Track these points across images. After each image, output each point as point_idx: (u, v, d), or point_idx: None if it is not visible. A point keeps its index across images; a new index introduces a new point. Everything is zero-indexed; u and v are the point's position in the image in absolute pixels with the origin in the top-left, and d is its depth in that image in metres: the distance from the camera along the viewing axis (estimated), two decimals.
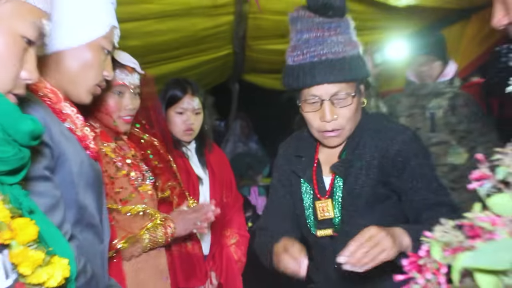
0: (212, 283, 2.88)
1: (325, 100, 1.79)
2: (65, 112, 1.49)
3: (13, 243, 0.97)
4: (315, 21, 1.78)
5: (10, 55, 1.05)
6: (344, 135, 1.85)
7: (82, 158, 1.43)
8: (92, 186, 1.46)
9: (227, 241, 3.08)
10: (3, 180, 1.03)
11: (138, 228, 2.10)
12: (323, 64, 1.77)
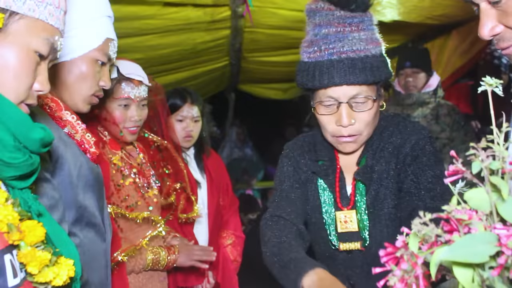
0: (210, 282, 2.87)
1: (342, 103, 1.55)
2: (65, 119, 1.48)
3: (22, 244, 0.97)
4: (335, 14, 1.54)
5: (23, 68, 1.05)
6: (361, 141, 1.62)
7: (81, 161, 1.42)
8: (93, 187, 1.45)
9: (223, 241, 3.07)
10: (14, 184, 1.04)
11: (142, 236, 2.07)
12: (343, 63, 1.53)
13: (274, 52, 4.16)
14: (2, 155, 0.98)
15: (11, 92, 1.04)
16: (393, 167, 1.59)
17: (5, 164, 0.99)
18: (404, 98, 3.56)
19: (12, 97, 1.04)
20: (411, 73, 3.52)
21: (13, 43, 1.03)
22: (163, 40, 3.56)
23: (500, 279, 0.56)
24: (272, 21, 3.32)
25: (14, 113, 1.01)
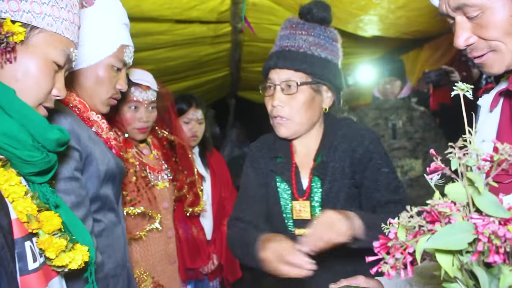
0: (214, 263, 2.86)
1: (277, 85, 1.63)
2: (92, 119, 1.47)
3: (40, 232, 0.98)
4: (294, 21, 1.67)
5: (43, 76, 1.05)
6: (292, 128, 1.65)
7: (108, 158, 1.41)
8: (114, 179, 1.44)
9: (225, 228, 3.06)
10: (33, 179, 1.04)
11: (139, 229, 2.05)
12: (283, 53, 1.64)
13: None
14: (21, 154, 0.97)
15: (31, 96, 1.04)
16: (348, 165, 1.61)
17: (24, 162, 0.99)
18: (383, 103, 3.58)
19: (32, 100, 1.04)
20: (389, 81, 3.54)
21: (34, 54, 1.03)
22: (172, 53, 3.55)
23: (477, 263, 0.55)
24: (267, 35, 3.31)
25: (33, 116, 1.01)
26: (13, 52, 0.99)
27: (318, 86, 1.65)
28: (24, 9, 1.00)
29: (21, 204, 0.95)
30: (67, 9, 1.08)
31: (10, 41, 0.97)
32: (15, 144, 0.97)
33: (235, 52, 3.70)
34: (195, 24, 3.01)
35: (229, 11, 2.81)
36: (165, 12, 2.67)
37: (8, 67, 1.00)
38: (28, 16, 1.01)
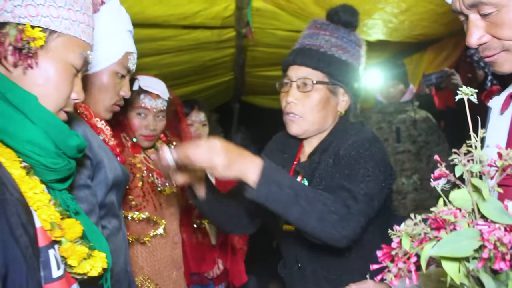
0: (219, 268, 2.85)
1: (293, 81, 1.61)
2: (98, 126, 1.47)
3: (63, 240, 0.98)
4: (319, 21, 1.67)
5: (62, 80, 1.05)
6: (304, 126, 1.61)
7: (115, 165, 1.41)
8: (119, 186, 1.44)
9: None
10: (54, 186, 1.04)
11: (144, 234, 2.04)
12: (303, 51, 1.63)
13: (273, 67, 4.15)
14: (45, 161, 0.97)
15: (52, 101, 1.04)
16: (331, 164, 1.56)
17: (48, 169, 0.99)
18: (386, 106, 3.58)
19: (53, 105, 1.04)
20: (392, 85, 3.54)
21: (53, 58, 1.03)
22: (177, 59, 3.56)
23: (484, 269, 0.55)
24: (271, 40, 3.32)
25: (55, 123, 1.01)
26: (35, 57, 0.99)
27: (334, 88, 1.62)
28: (42, 13, 1.00)
29: (46, 212, 0.95)
30: (82, 12, 1.08)
31: (32, 46, 0.97)
32: (40, 152, 0.97)
33: (239, 57, 3.70)
34: (200, 29, 3.02)
35: (233, 16, 2.81)
36: (169, 18, 2.68)
37: (29, 73, 1.00)
38: (46, 20, 1.00)
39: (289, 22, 2.86)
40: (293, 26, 2.93)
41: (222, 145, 1.32)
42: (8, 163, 0.93)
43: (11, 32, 0.96)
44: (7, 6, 0.97)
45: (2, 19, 0.97)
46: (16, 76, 1.00)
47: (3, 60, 0.98)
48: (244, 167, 1.32)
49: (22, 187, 0.93)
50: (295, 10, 2.63)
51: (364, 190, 1.48)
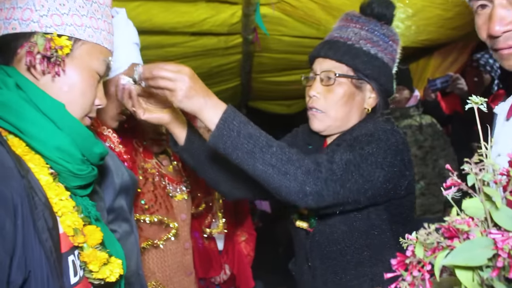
0: (226, 273, 2.85)
1: (317, 75, 1.53)
2: (105, 133, 1.49)
3: (85, 246, 0.99)
4: (350, 14, 1.59)
5: (87, 87, 1.07)
6: (326, 121, 1.53)
7: (122, 170, 1.43)
8: (127, 191, 1.46)
9: (238, 238, 3.05)
10: (78, 192, 1.06)
11: (156, 237, 2.05)
12: (329, 43, 1.55)
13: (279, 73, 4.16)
14: (72, 167, 1.00)
15: (78, 108, 1.06)
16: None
17: (73, 175, 1.01)
18: (392, 111, 3.58)
19: (79, 111, 1.06)
20: (397, 90, 3.53)
21: (78, 66, 1.05)
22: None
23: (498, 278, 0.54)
24: (278, 46, 3.33)
25: (82, 131, 1.03)
26: (62, 65, 1.02)
27: (360, 83, 1.53)
28: (67, 22, 1.02)
29: (70, 218, 0.97)
30: (103, 20, 1.10)
31: (60, 54, 1.00)
32: (67, 158, 0.99)
33: (246, 63, 3.71)
34: (206, 36, 3.04)
35: (240, 23, 2.83)
36: (176, 25, 2.70)
37: (57, 80, 1.03)
38: (71, 29, 1.03)
39: (295, 28, 2.87)
40: (299, 32, 2.94)
41: (191, 73, 1.24)
42: (37, 169, 0.95)
43: (39, 41, 0.98)
44: (33, 16, 1.00)
45: (29, 29, 1.00)
46: (44, 83, 1.02)
47: (32, 69, 1.01)
48: (206, 103, 1.23)
49: (49, 193, 0.95)
50: (301, 16, 2.64)
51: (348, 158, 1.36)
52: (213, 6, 2.59)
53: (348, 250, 1.48)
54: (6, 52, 1.02)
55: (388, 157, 1.38)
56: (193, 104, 1.22)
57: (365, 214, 1.47)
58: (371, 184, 1.35)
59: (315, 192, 1.27)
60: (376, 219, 1.47)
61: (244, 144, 1.24)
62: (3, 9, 1.03)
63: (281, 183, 1.26)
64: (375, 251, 1.48)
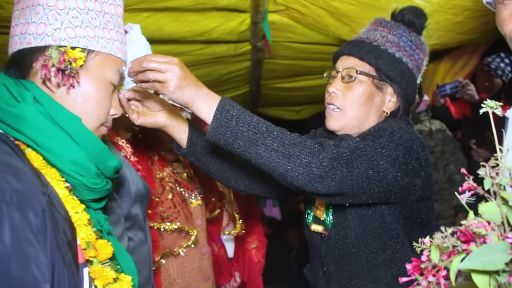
0: (236, 281, 2.85)
1: (339, 72, 1.53)
2: (119, 144, 1.51)
3: (94, 261, 0.99)
4: (380, 19, 1.59)
5: (103, 97, 1.08)
6: (342, 120, 1.50)
7: (137, 179, 1.45)
8: (142, 199, 1.47)
9: (248, 246, 3.05)
10: (92, 205, 1.07)
11: (177, 245, 2.05)
12: (354, 42, 1.56)
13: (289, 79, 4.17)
14: (86, 181, 1.00)
15: (94, 118, 1.07)
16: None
17: (88, 189, 1.01)
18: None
19: (95, 121, 1.08)
20: None
21: (92, 77, 1.06)
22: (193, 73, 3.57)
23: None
24: (287, 53, 3.33)
25: (97, 145, 1.04)
26: (76, 77, 1.03)
27: (381, 84, 1.51)
28: (80, 34, 1.04)
29: (84, 231, 0.98)
30: (115, 30, 1.12)
31: (74, 66, 1.01)
32: (82, 172, 1.00)
33: (255, 69, 3.72)
34: (216, 44, 3.05)
35: (249, 30, 2.84)
36: (186, 34, 2.72)
37: (72, 92, 1.04)
38: (84, 41, 1.04)
39: (304, 34, 2.87)
40: (308, 38, 2.94)
41: (180, 63, 1.21)
42: (54, 183, 0.96)
43: (54, 55, 1.00)
44: (47, 30, 1.02)
45: (43, 43, 1.01)
46: (59, 96, 1.03)
47: (47, 82, 1.02)
48: (197, 94, 1.20)
49: (66, 206, 0.96)
50: (310, 23, 2.65)
51: (357, 146, 1.32)
52: (222, 15, 2.61)
53: (363, 254, 1.47)
54: (22, 66, 1.04)
55: (400, 153, 1.36)
56: (184, 95, 1.19)
57: (380, 217, 1.46)
58: (382, 177, 1.33)
59: (321, 174, 1.24)
60: (391, 222, 1.46)
61: (244, 132, 1.22)
62: (18, 24, 1.05)
63: (286, 168, 1.23)
64: (390, 255, 1.47)
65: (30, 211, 0.82)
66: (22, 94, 0.97)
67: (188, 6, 2.34)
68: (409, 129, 1.45)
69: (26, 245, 0.79)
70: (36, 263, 0.79)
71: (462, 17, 2.47)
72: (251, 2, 2.42)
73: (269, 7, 2.51)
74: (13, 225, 0.78)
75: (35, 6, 1.02)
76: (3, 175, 0.83)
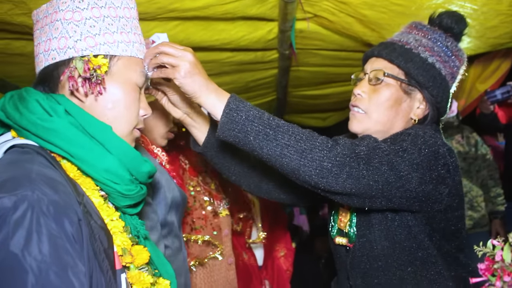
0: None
1: (367, 73, 1.48)
2: (155, 151, 1.52)
3: (131, 266, 1.02)
4: (416, 23, 1.53)
5: (130, 99, 1.11)
6: (365, 123, 1.46)
7: (172, 186, 1.46)
8: (178, 207, 1.48)
9: (277, 254, 3.05)
10: (127, 211, 1.09)
11: (204, 254, 2.07)
12: (385, 44, 1.50)
13: (316, 86, 4.15)
14: (120, 188, 1.02)
15: (125, 121, 1.10)
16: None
17: (123, 195, 1.04)
18: None
19: (127, 125, 1.10)
20: None
21: (118, 81, 1.09)
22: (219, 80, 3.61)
23: None
24: (314, 60, 3.32)
25: (129, 151, 1.06)
26: (102, 83, 1.06)
27: (410, 89, 1.46)
28: (100, 42, 1.06)
29: (120, 238, 1.00)
30: (133, 32, 1.14)
31: (99, 73, 1.04)
32: (116, 179, 1.02)
33: (283, 77, 3.72)
34: (243, 52, 3.06)
35: (277, 39, 2.84)
36: (214, 43, 2.74)
37: (100, 99, 1.07)
38: (105, 47, 1.07)
39: (333, 41, 2.86)
40: (337, 45, 2.92)
41: (195, 55, 1.22)
42: (89, 192, 0.99)
43: (78, 65, 1.03)
44: (69, 43, 1.04)
45: (67, 56, 1.04)
46: (89, 105, 1.06)
47: (76, 92, 1.05)
48: (207, 86, 1.20)
49: (101, 214, 0.99)
50: (339, 30, 2.63)
51: (377, 146, 1.27)
52: (250, 24, 2.62)
53: (391, 267, 1.42)
54: (50, 82, 1.07)
55: (425, 158, 1.29)
56: (195, 82, 1.19)
57: (406, 228, 1.40)
58: (404, 182, 1.26)
59: (335, 169, 1.20)
60: (419, 232, 1.40)
61: (255, 128, 1.19)
62: (40, 43, 1.08)
63: (298, 163, 1.20)
64: (419, 267, 1.42)
65: (66, 221, 0.84)
66: (54, 108, 1.00)
67: (217, 15, 2.35)
68: (434, 134, 1.38)
69: (63, 253, 0.81)
70: (73, 271, 0.81)
71: (495, 21, 2.41)
72: (279, 10, 2.42)
73: (297, 15, 2.51)
74: (51, 235, 0.81)
75: (53, 22, 1.05)
76: (40, 187, 0.85)
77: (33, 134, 0.98)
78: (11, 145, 0.99)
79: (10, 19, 1.98)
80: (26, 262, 0.77)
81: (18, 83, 3.03)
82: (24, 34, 2.21)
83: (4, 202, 0.81)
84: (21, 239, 0.78)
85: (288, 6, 2.30)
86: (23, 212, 0.80)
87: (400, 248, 1.41)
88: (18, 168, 0.90)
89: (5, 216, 0.80)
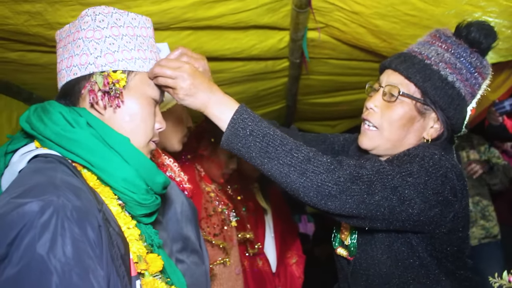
0: None
1: (381, 87, 1.42)
2: (166, 163, 1.54)
3: (146, 273, 1.04)
4: (441, 31, 1.44)
5: (147, 114, 1.16)
6: (376, 140, 1.42)
7: (182, 200, 1.47)
8: (191, 220, 1.50)
9: (289, 261, 3.05)
10: (143, 220, 1.13)
11: (213, 260, 2.09)
12: (404, 56, 1.41)
13: (325, 94, 4.16)
14: (137, 197, 1.06)
15: (142, 134, 1.14)
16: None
17: (139, 204, 1.07)
18: None
19: (143, 137, 1.15)
20: None
21: (135, 95, 1.14)
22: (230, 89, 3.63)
23: None
24: (324, 69, 3.33)
25: (146, 162, 1.10)
26: (120, 97, 1.11)
27: (424, 108, 1.40)
28: (119, 58, 1.11)
29: (136, 246, 1.03)
30: (149, 50, 1.19)
31: (117, 87, 1.09)
32: (133, 189, 1.06)
33: (293, 86, 3.73)
34: (254, 61, 3.08)
35: (288, 47, 2.86)
36: (226, 52, 2.76)
37: (118, 112, 1.12)
38: (123, 63, 1.12)
39: (343, 51, 2.87)
40: (348, 55, 2.93)
41: (192, 69, 1.19)
42: (108, 201, 1.03)
43: (98, 80, 1.08)
44: (90, 59, 1.10)
45: (88, 71, 1.10)
46: (108, 117, 1.11)
47: (95, 105, 1.10)
48: (209, 99, 1.19)
49: (119, 221, 1.02)
50: (350, 40, 2.64)
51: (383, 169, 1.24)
52: (261, 33, 2.63)
53: (392, 283, 1.40)
54: (72, 95, 1.13)
55: (431, 182, 1.25)
56: (196, 101, 1.19)
57: (409, 247, 1.37)
58: (407, 207, 1.23)
59: (335, 192, 1.18)
60: (422, 251, 1.36)
61: (257, 144, 1.18)
62: (63, 59, 1.13)
63: (299, 184, 1.19)
64: (422, 285, 1.39)
65: (88, 226, 0.87)
66: (76, 120, 1.05)
67: (230, 24, 2.37)
68: (443, 155, 1.34)
69: (85, 257, 0.84)
70: (94, 274, 0.84)
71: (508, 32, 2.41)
72: (291, 20, 2.43)
73: (308, 25, 2.53)
74: (74, 239, 0.84)
75: (75, 40, 1.11)
76: (65, 193, 0.89)
77: (56, 144, 1.03)
78: (35, 154, 1.03)
79: (26, 30, 2.02)
80: (51, 263, 0.80)
81: (32, 90, 3.08)
82: (38, 45, 2.25)
83: (32, 207, 0.85)
84: (47, 242, 0.82)
85: (300, 16, 2.32)
86: (49, 216, 0.84)
87: (403, 265, 1.38)
88: (42, 175, 0.94)
89: (32, 220, 0.83)
